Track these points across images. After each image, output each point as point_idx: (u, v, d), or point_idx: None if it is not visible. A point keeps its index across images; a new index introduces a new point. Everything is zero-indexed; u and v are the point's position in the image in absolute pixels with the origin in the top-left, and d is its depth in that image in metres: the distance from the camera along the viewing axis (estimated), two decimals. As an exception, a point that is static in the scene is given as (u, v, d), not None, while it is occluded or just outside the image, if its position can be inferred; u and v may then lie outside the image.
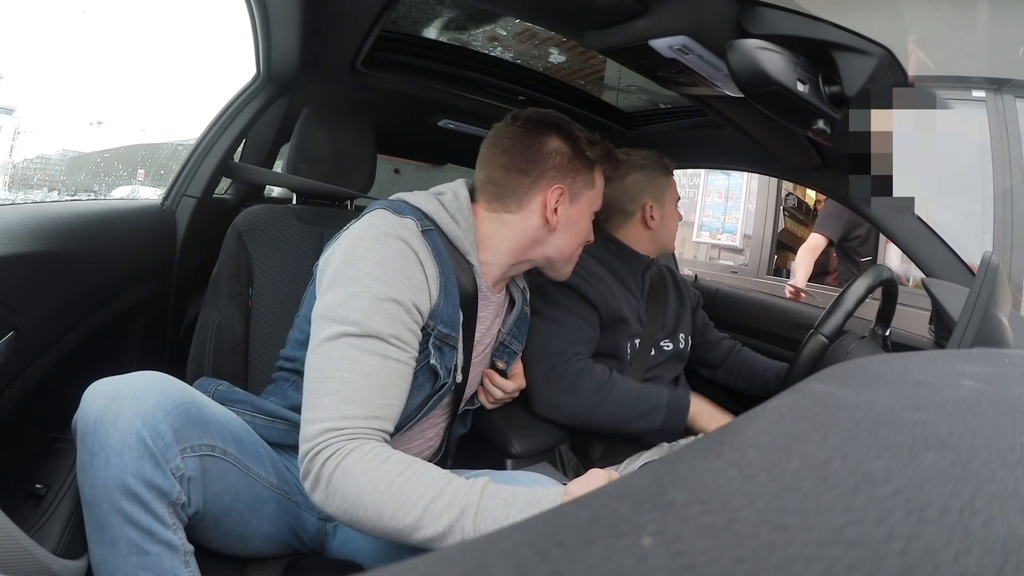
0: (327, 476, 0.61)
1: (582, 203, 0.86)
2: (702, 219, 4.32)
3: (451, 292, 0.75)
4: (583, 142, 0.84)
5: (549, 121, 0.84)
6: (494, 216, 0.83)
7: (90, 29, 43.92)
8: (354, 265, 0.68)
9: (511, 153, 0.82)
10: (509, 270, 0.87)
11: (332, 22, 0.97)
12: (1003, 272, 0.75)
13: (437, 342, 0.74)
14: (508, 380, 0.95)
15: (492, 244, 0.83)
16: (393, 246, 0.70)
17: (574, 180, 0.84)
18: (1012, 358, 0.31)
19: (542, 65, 1.29)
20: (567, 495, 0.62)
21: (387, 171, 2.19)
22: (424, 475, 0.61)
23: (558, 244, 0.86)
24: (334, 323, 0.66)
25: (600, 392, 0.99)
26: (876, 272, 0.97)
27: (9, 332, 0.72)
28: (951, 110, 1.78)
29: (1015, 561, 0.12)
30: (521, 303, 0.95)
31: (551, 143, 0.83)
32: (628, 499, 0.15)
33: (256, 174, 1.51)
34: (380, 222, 0.72)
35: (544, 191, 0.82)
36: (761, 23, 0.62)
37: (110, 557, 0.61)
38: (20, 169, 5.05)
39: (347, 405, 0.63)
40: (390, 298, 0.67)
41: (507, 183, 0.82)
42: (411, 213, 0.76)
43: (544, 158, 0.82)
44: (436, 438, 0.90)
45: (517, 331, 0.95)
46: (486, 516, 0.58)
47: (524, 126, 0.83)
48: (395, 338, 0.67)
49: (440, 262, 0.74)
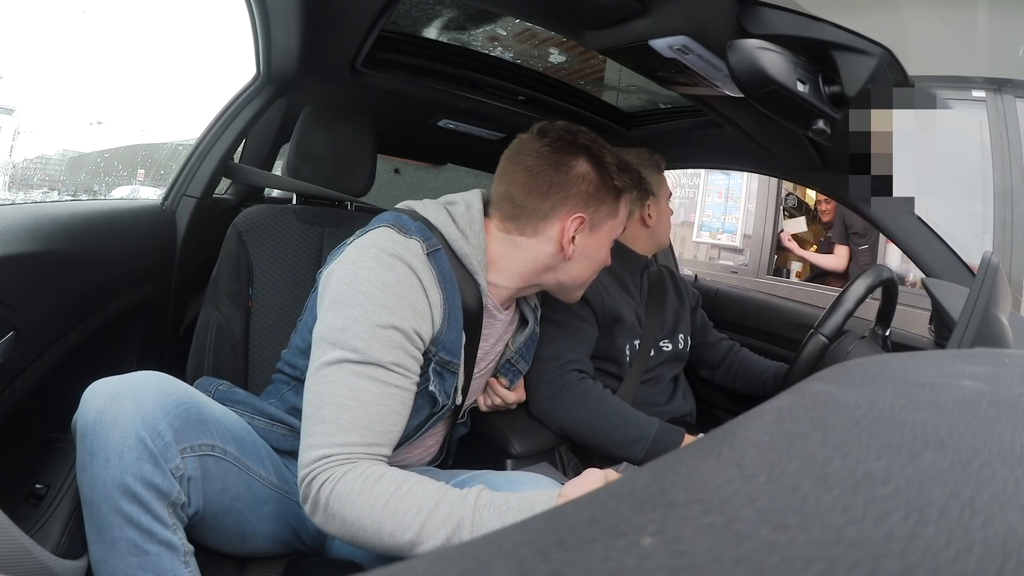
0: (324, 501, 0.62)
1: (602, 233, 0.82)
2: (702, 219, 4.33)
3: (455, 316, 0.73)
4: (612, 169, 0.79)
5: (579, 143, 0.79)
6: (507, 237, 0.79)
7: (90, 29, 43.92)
8: (355, 287, 0.67)
9: (534, 173, 0.77)
10: (517, 292, 0.83)
11: (332, 22, 0.97)
12: (1003, 272, 0.75)
13: (438, 368, 0.73)
14: (508, 392, 0.94)
15: (502, 266, 0.79)
16: (397, 270, 0.68)
17: (597, 210, 0.79)
18: (1012, 358, 0.31)
19: (542, 65, 1.29)
20: (562, 498, 0.62)
21: (387, 171, 2.19)
22: (418, 491, 0.61)
23: (572, 273, 0.82)
24: (334, 347, 0.65)
25: (585, 408, 0.98)
26: (876, 272, 0.97)
27: (9, 332, 0.72)
28: (951, 110, 1.78)
29: (1015, 561, 0.12)
30: (532, 323, 0.92)
31: (578, 167, 0.78)
32: (628, 499, 0.15)
33: (256, 176, 1.51)
34: (384, 241, 0.70)
35: (564, 219, 0.78)
36: (761, 23, 0.62)
37: (110, 557, 0.61)
38: (20, 169, 5.05)
39: (344, 433, 0.63)
40: (391, 325, 0.66)
41: (526, 205, 0.77)
42: (417, 232, 0.72)
43: (568, 183, 0.77)
44: (436, 445, 0.90)
45: (526, 351, 0.93)
46: (482, 526, 0.59)
47: (552, 145, 0.78)
48: (396, 365, 0.66)
49: (445, 287, 0.71)
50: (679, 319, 1.21)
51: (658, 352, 1.14)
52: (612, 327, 1.08)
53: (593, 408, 0.98)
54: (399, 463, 0.81)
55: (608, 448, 0.99)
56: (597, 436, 0.99)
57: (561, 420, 0.99)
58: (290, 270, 1.05)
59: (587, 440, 1.00)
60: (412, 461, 0.86)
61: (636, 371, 1.10)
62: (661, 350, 1.15)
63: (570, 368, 1.00)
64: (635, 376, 1.10)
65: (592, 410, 0.98)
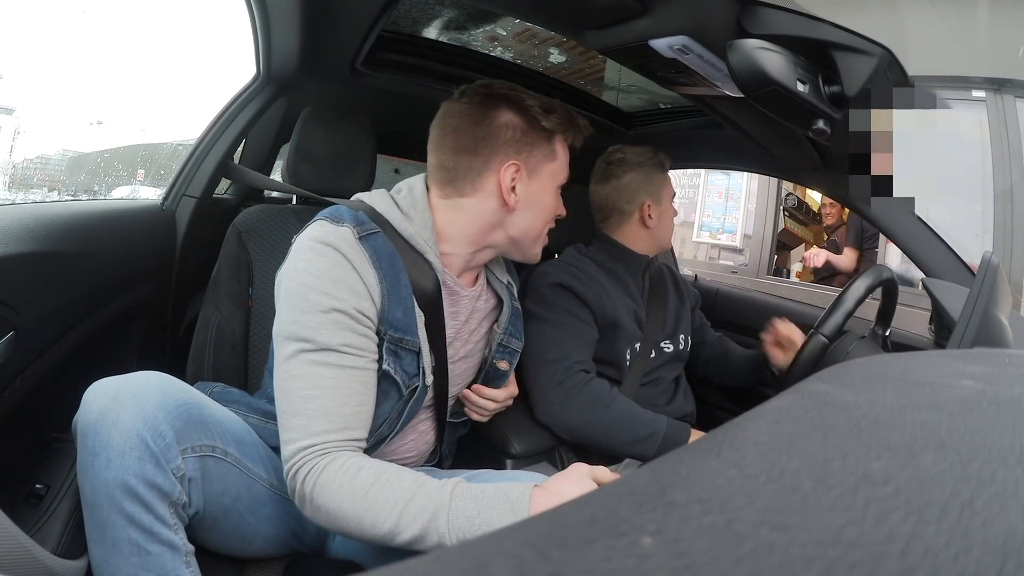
0: (308, 494, 0.64)
1: (543, 177, 0.81)
2: (702, 219, 4.33)
3: (401, 295, 0.72)
4: (536, 111, 0.78)
5: (496, 92, 0.78)
6: (449, 202, 0.79)
7: (90, 29, 43.86)
8: (296, 279, 0.69)
9: (459, 132, 0.77)
10: (472, 258, 0.82)
11: (332, 22, 0.97)
12: (1003, 272, 0.75)
13: (391, 347, 0.72)
14: (498, 390, 0.91)
15: (450, 232, 0.79)
16: (329, 256, 0.69)
17: (530, 154, 0.78)
18: (1012, 358, 0.31)
19: (542, 65, 1.29)
20: (542, 489, 0.63)
21: (387, 171, 2.19)
22: (396, 482, 0.63)
23: (521, 225, 0.80)
24: (289, 341, 0.67)
25: (596, 408, 0.97)
26: (876, 272, 0.97)
27: (9, 332, 0.72)
28: (951, 110, 1.78)
29: (1015, 561, 0.12)
30: (509, 299, 0.91)
31: (501, 117, 0.77)
32: (628, 499, 0.15)
33: (254, 179, 1.51)
34: (318, 232, 0.71)
35: (497, 170, 0.77)
36: (761, 23, 0.62)
37: (111, 557, 0.61)
38: (20, 169, 5.05)
39: (315, 421, 0.65)
40: (332, 308, 0.67)
41: (458, 165, 0.77)
42: (350, 219, 0.72)
43: (494, 134, 0.76)
44: (428, 440, 0.88)
45: (514, 328, 0.92)
46: (457, 515, 0.60)
47: (471, 101, 0.78)
48: (347, 346, 0.67)
49: (380, 267, 0.71)
50: (680, 319, 1.21)
51: (659, 353, 1.14)
52: (612, 332, 1.07)
53: (605, 408, 0.98)
54: (395, 459, 0.81)
55: (619, 448, 0.99)
56: (611, 436, 0.98)
57: (571, 423, 0.99)
58: (290, 270, 1.05)
59: (599, 441, 1.00)
60: (409, 455, 0.86)
61: (636, 373, 1.10)
62: (662, 351, 1.15)
63: (577, 368, 1.00)
64: (635, 378, 1.10)
65: (604, 410, 0.98)
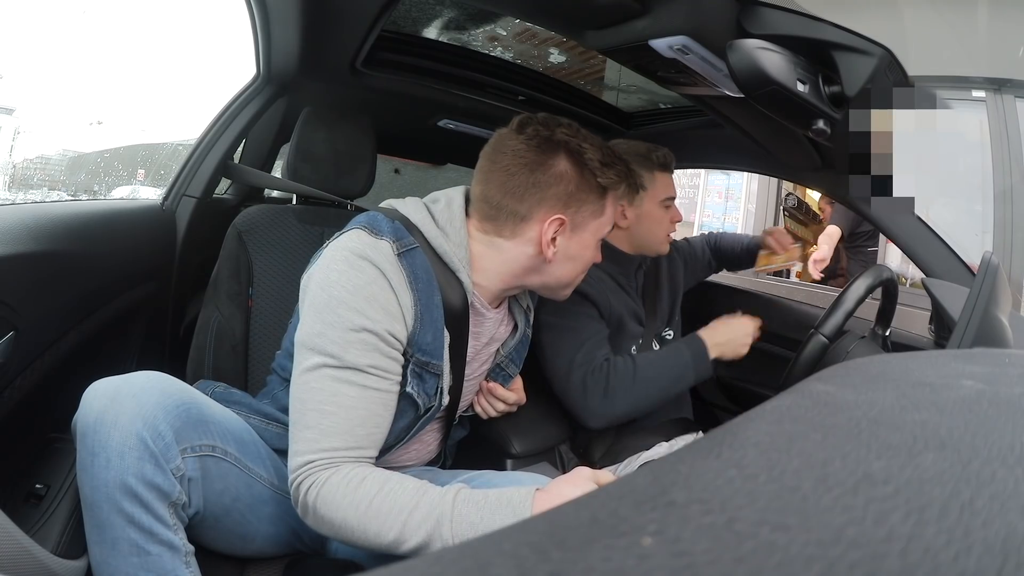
0: (311, 505, 0.64)
1: (586, 234, 0.78)
2: (702, 219, 4.33)
3: (432, 317, 0.71)
4: (595, 165, 0.74)
5: (557, 139, 0.74)
6: (486, 238, 0.76)
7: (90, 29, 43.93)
8: (328, 291, 0.67)
9: (510, 173, 0.73)
10: (503, 293, 0.81)
11: (332, 22, 0.97)
12: (1003, 272, 0.75)
13: (417, 369, 0.71)
14: (510, 392, 0.92)
15: (483, 265, 0.76)
16: (366, 272, 0.67)
17: (578, 211, 0.75)
18: (1012, 358, 0.31)
19: (542, 65, 1.29)
20: (544, 492, 0.63)
21: (387, 171, 2.19)
22: (400, 491, 0.63)
23: (555, 274, 0.78)
24: (313, 353, 0.66)
25: (635, 384, 1.00)
26: (876, 272, 0.97)
27: (9, 332, 0.72)
28: (951, 110, 1.78)
29: (1015, 561, 0.12)
30: (524, 326, 0.89)
31: (557, 166, 0.73)
32: (628, 499, 0.15)
33: (255, 177, 1.51)
34: (355, 243, 0.69)
35: (541, 222, 0.73)
36: (761, 23, 0.62)
37: (111, 557, 0.61)
38: (20, 169, 5.04)
39: (327, 438, 0.64)
40: (364, 328, 0.65)
41: (502, 206, 0.74)
42: (389, 231, 0.70)
43: (546, 184, 0.73)
44: (432, 447, 0.89)
45: (516, 355, 0.91)
46: (461, 521, 0.60)
47: (529, 143, 0.74)
48: (373, 367, 0.66)
49: (416, 288, 0.69)
50: (675, 303, 1.24)
51: (662, 343, 1.17)
52: (618, 331, 1.08)
53: (640, 377, 1.00)
54: (396, 465, 0.81)
55: (670, 395, 1.03)
56: (657, 395, 1.02)
57: (622, 409, 1.00)
58: (290, 270, 1.05)
59: (653, 406, 1.03)
60: (409, 462, 0.86)
61: None
62: (664, 340, 1.18)
63: (601, 361, 1.02)
64: None
65: (640, 379, 1.00)
